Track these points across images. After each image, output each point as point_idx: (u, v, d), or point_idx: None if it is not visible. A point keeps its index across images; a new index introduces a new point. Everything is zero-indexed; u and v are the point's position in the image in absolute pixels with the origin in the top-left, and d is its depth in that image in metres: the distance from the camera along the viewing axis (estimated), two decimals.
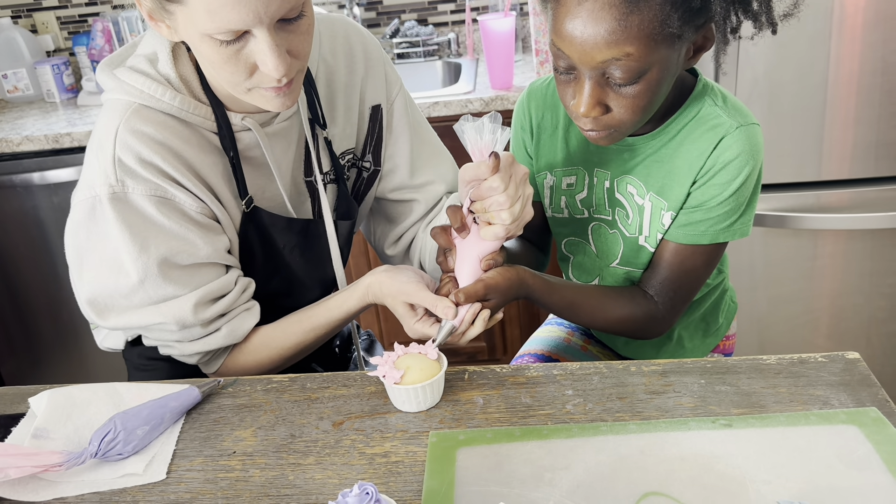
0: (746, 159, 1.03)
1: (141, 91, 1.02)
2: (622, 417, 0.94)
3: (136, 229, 1.02)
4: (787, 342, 2.13)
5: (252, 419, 1.00)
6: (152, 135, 1.01)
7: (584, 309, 1.12)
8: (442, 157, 1.29)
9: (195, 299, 1.05)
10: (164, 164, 1.01)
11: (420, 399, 0.98)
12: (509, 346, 2.42)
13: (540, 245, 1.28)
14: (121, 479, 0.91)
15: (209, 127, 1.06)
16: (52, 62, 2.58)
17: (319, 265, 1.23)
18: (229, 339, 1.11)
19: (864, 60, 1.81)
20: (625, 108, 0.96)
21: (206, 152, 1.06)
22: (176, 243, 1.04)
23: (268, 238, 1.14)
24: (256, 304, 1.14)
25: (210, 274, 1.08)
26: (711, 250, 1.10)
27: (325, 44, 1.18)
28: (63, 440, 0.95)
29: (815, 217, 1.94)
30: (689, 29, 0.93)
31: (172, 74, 1.03)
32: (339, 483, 0.88)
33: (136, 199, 1.01)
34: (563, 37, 0.93)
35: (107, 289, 1.05)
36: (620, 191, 1.13)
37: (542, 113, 1.18)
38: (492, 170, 0.95)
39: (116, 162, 1.00)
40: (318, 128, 1.17)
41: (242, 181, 1.09)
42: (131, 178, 1.01)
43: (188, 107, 1.03)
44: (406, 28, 2.60)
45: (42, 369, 2.55)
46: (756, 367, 1.01)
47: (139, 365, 1.23)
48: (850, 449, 0.86)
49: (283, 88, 0.97)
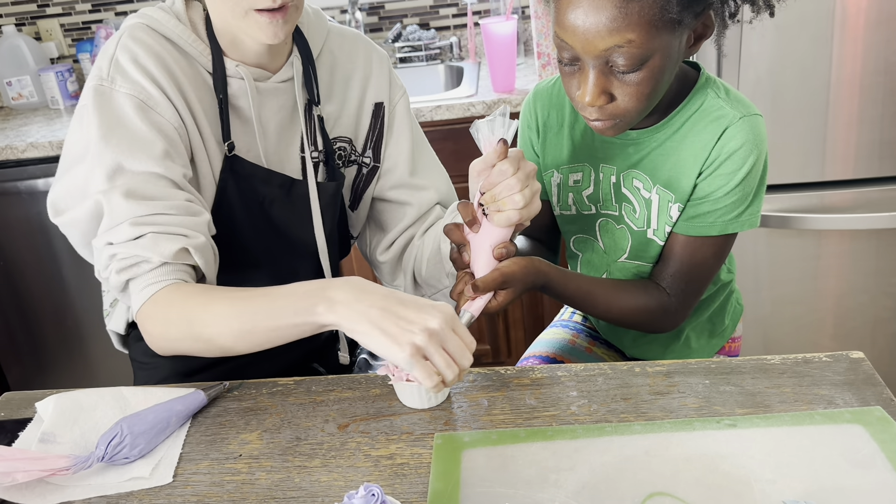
0: (751, 149, 1.05)
1: (151, 17, 1.10)
2: (627, 418, 0.94)
3: (106, 121, 1.05)
4: (792, 342, 2.13)
5: (258, 422, 1.00)
6: (152, 45, 1.08)
7: (600, 299, 1.13)
8: (438, 170, 1.31)
9: (128, 186, 1.01)
10: (156, 70, 1.07)
11: (430, 395, 0.98)
12: (514, 349, 2.42)
13: (550, 245, 1.30)
14: (127, 483, 0.91)
15: (204, 64, 1.11)
16: (56, 69, 2.59)
17: (303, 229, 1.21)
18: (150, 248, 1.00)
19: (866, 60, 1.81)
20: (629, 95, 0.98)
21: (198, 85, 1.11)
22: (138, 144, 1.04)
23: (248, 188, 1.15)
24: (202, 239, 1.04)
25: (158, 187, 1.03)
26: (721, 241, 1.11)
27: (333, 39, 1.23)
28: (70, 444, 0.96)
29: (819, 217, 1.94)
30: (688, 15, 0.95)
31: (182, 13, 1.12)
32: (345, 485, 0.88)
33: (118, 97, 1.06)
34: (565, 27, 0.95)
35: (65, 185, 1.10)
36: (626, 185, 1.14)
37: (548, 112, 1.20)
38: (500, 155, 0.96)
39: (113, 61, 1.07)
40: (314, 105, 1.19)
41: (227, 126, 1.12)
42: (121, 77, 1.06)
43: (189, 38, 1.10)
44: (408, 32, 2.61)
45: (48, 375, 2.56)
46: (760, 367, 1.02)
47: (142, 363, 1.25)
48: (855, 448, 0.86)
49: (277, 15, 1.02)
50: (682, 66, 1.08)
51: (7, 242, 2.37)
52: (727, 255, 1.16)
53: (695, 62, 1.12)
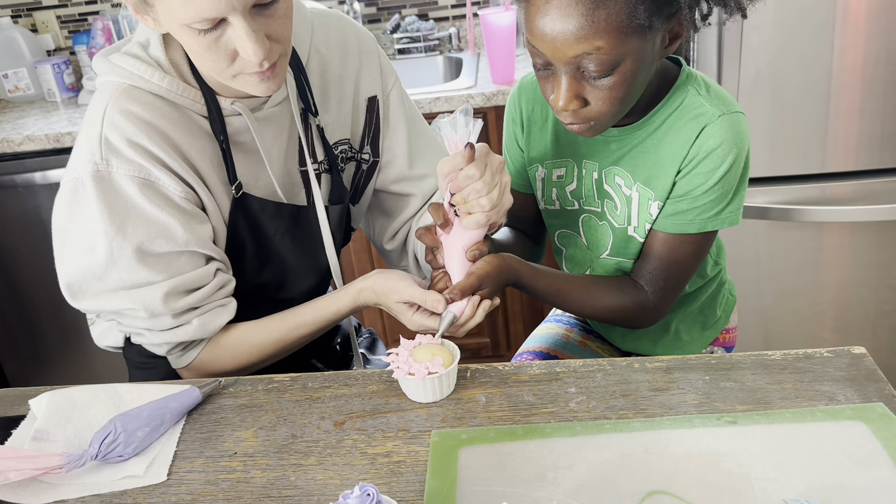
0: (730, 147, 1.04)
1: (131, 72, 1.03)
2: (626, 415, 0.93)
3: (116, 210, 1.02)
4: (793, 335, 2.12)
5: (253, 419, 0.99)
6: (140, 114, 1.02)
7: (572, 296, 1.14)
8: (437, 152, 1.30)
9: (167, 288, 1.05)
10: (150, 144, 1.02)
11: (437, 389, 0.98)
12: (513, 342, 2.42)
13: (534, 237, 1.30)
14: (121, 481, 0.91)
15: (199, 110, 1.07)
16: (52, 61, 2.57)
17: (311, 253, 1.22)
18: (200, 332, 1.10)
19: (867, 51, 1.79)
20: (602, 100, 0.97)
21: (195, 136, 1.06)
22: (155, 228, 1.03)
23: (257, 225, 1.14)
24: (233, 301, 1.14)
25: (187, 264, 1.07)
26: (700, 239, 1.10)
27: (318, 35, 1.19)
28: (63, 442, 0.95)
29: (820, 210, 1.93)
30: (658, 19, 0.94)
31: (163, 58, 1.04)
32: (341, 483, 0.87)
33: (119, 179, 1.01)
34: (535, 34, 0.95)
35: (81, 269, 1.05)
36: (608, 182, 1.14)
37: (533, 106, 1.19)
38: (467, 159, 0.97)
39: (103, 141, 1.01)
40: (311, 116, 1.17)
41: (232, 166, 1.09)
42: (116, 158, 1.01)
43: (177, 88, 1.04)
44: (407, 23, 2.59)
45: (45, 369, 2.55)
46: (761, 362, 1.00)
47: (139, 363, 1.23)
48: (856, 445, 0.85)
49: (267, 73, 0.98)
50: (664, 62, 1.07)
51: (4, 236, 2.36)
52: (707, 253, 1.15)
53: (677, 58, 1.10)
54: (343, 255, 2.34)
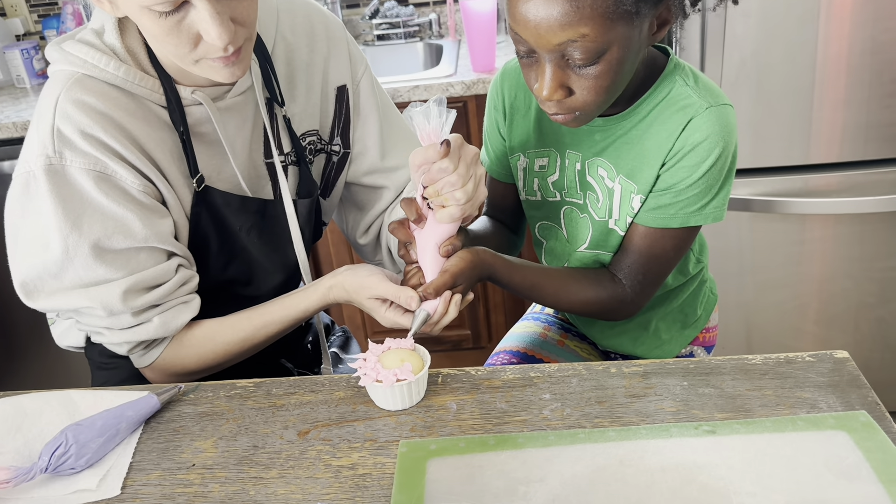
0: (716, 141, 1.00)
1: (84, 61, 0.98)
2: (601, 423, 0.90)
3: (70, 205, 0.97)
4: (775, 328, 2.10)
5: (213, 428, 0.95)
6: (94, 105, 0.97)
7: (547, 290, 1.11)
8: (410, 142, 1.25)
9: (126, 285, 1.00)
10: (105, 136, 0.97)
11: (405, 396, 0.94)
12: (494, 333, 2.39)
13: (513, 227, 1.27)
14: (73, 496, 0.86)
15: (157, 100, 1.02)
16: (21, 46, 2.50)
17: (280, 248, 1.18)
18: (161, 331, 1.06)
19: (853, 40, 1.76)
20: (587, 89, 0.94)
21: (154, 127, 1.02)
22: (112, 224, 0.98)
23: (221, 219, 1.10)
24: (197, 298, 1.09)
25: (147, 260, 1.02)
26: (682, 234, 1.07)
27: (283, 21, 1.14)
28: (12, 454, 0.90)
29: (803, 202, 1.90)
30: (646, 5, 0.91)
31: (118, 45, 0.99)
32: (303, 498, 0.83)
33: (73, 172, 0.96)
34: (518, 21, 0.92)
35: (36, 268, 1.00)
36: (591, 173, 1.10)
37: (515, 93, 1.15)
38: (441, 154, 0.93)
39: (55, 132, 0.96)
40: (277, 106, 1.12)
41: (193, 159, 1.04)
42: (70, 150, 0.96)
43: (134, 78, 0.99)
44: (386, 8, 2.53)
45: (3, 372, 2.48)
46: (741, 367, 0.97)
47: (101, 363, 1.19)
48: (839, 457, 0.82)
49: (232, 58, 0.94)
50: (651, 50, 1.04)
51: None
52: (689, 248, 1.12)
53: (664, 46, 1.07)
54: (321, 247, 2.30)
